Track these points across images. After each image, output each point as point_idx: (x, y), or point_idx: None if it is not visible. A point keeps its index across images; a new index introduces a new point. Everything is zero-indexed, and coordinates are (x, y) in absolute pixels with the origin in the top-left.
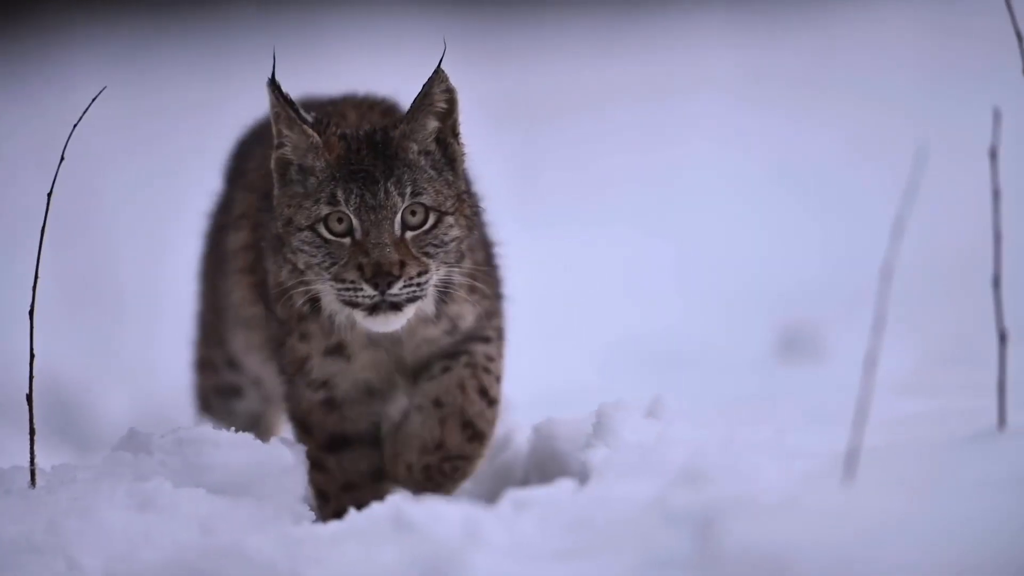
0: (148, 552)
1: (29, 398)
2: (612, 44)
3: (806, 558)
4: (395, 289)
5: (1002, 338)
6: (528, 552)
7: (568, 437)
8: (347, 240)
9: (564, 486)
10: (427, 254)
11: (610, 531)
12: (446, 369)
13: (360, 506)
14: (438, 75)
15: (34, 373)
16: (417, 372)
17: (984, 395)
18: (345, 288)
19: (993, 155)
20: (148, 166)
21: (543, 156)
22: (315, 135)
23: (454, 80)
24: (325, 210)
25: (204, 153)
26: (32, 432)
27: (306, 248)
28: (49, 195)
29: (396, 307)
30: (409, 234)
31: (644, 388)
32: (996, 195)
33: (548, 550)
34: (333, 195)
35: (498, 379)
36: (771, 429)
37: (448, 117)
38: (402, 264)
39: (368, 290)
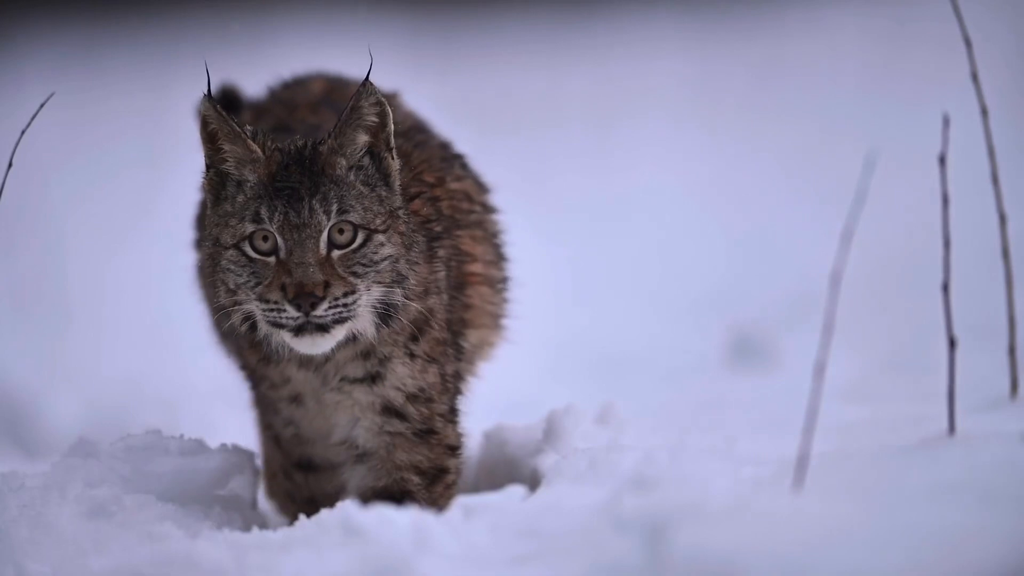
0: (97, 559)
1: None
2: (561, 52)
3: (755, 564)
4: (319, 311)
5: (951, 344)
6: (478, 559)
7: (518, 443)
8: (272, 259)
9: (514, 493)
10: (355, 274)
11: (560, 538)
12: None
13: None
14: (366, 88)
15: None
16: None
17: (933, 401)
18: (269, 309)
19: (942, 161)
20: (95, 171)
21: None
22: (258, 149)
23: (404, 83)
24: (250, 228)
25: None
26: None
27: (232, 267)
28: None
29: (323, 328)
30: (336, 253)
31: (594, 394)
32: (945, 201)
33: (498, 557)
34: (257, 213)
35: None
36: (720, 436)
37: (381, 130)
38: (326, 284)
39: (291, 311)
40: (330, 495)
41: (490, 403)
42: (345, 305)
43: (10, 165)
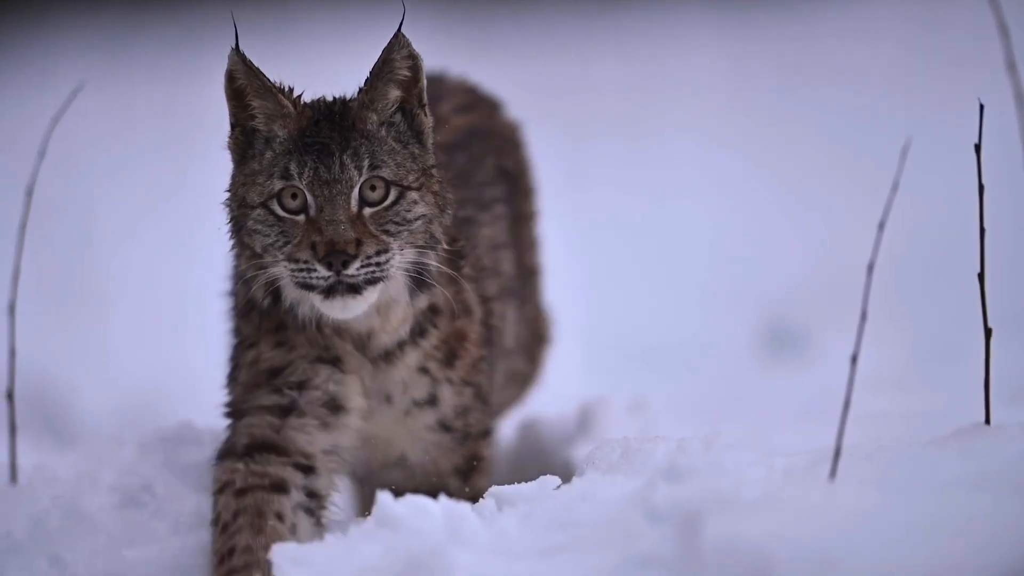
0: (131, 549)
1: (10, 395)
2: (596, 39)
3: (788, 555)
4: (351, 270)
5: (987, 334)
6: (510, 549)
7: (551, 433)
8: (301, 217)
9: (547, 483)
10: (387, 232)
11: (593, 528)
12: None
13: None
14: (398, 40)
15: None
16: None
17: (968, 391)
18: (299, 269)
19: (978, 149)
20: (126, 158)
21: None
22: (289, 104)
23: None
24: (278, 185)
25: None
26: (13, 429)
27: (260, 228)
28: (30, 191)
29: (354, 289)
30: (368, 211)
31: (626, 384)
32: (981, 190)
33: (531, 547)
34: (286, 169)
35: None
36: (753, 426)
37: (413, 86)
38: (358, 242)
39: (322, 270)
40: None
41: None
42: (378, 264)
43: (42, 154)
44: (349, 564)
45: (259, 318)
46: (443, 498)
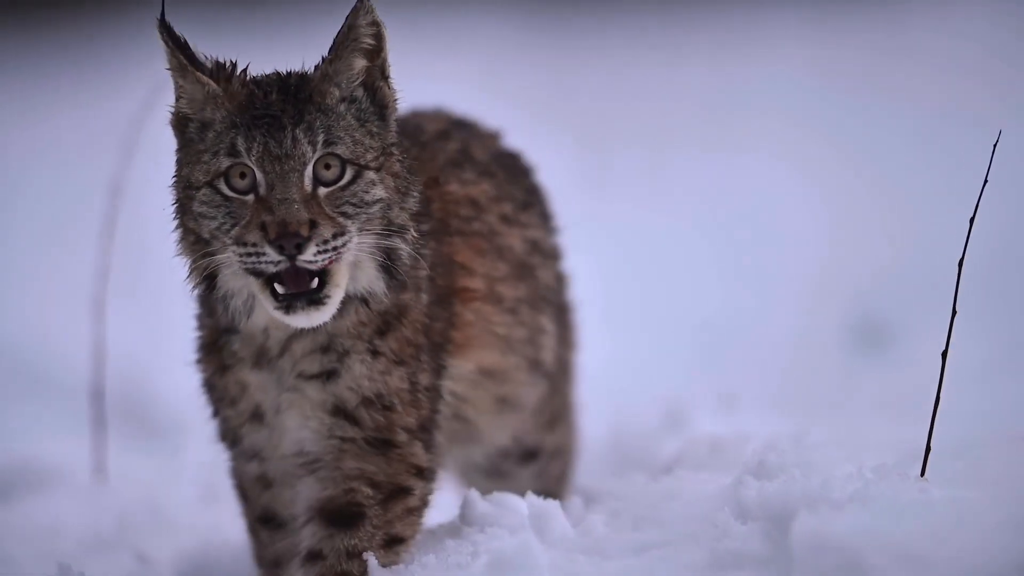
0: (216, 546)
1: (95, 393)
2: (679, 38)
3: (879, 553)
4: (307, 255)
5: None
6: (598, 547)
7: (638, 430)
8: (250, 197)
9: (635, 480)
10: (345, 215)
11: (681, 526)
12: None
13: None
14: (362, 5)
15: (98, 364)
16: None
17: None
18: (247, 252)
19: None
20: None
21: (612, 147)
22: (211, 83)
23: (510, 84)
24: (225, 163)
25: None
26: (98, 426)
27: (205, 209)
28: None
29: (316, 302)
30: (323, 190)
31: (714, 379)
32: None
33: (618, 545)
34: (233, 145)
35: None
36: (843, 423)
37: (376, 56)
38: (312, 224)
39: (272, 254)
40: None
41: (611, 388)
42: (335, 249)
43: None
44: (435, 561)
45: (209, 354)
46: (530, 496)
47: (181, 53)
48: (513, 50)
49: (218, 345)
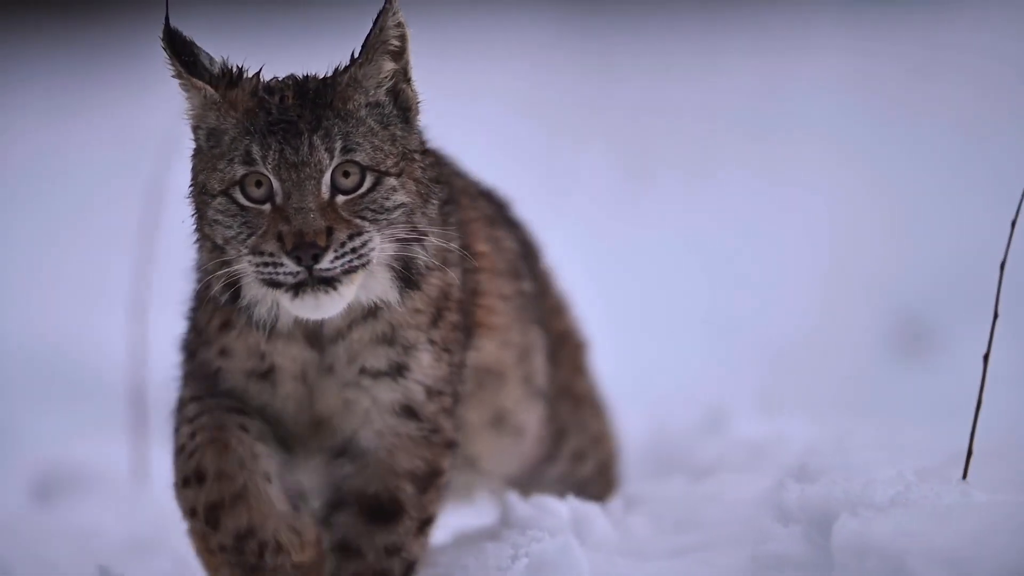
0: None
1: (135, 395)
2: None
3: (920, 556)
4: (324, 263)
5: None
6: (639, 550)
7: (680, 433)
8: (267, 206)
9: (676, 483)
10: (363, 219)
11: (722, 529)
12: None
13: None
14: (390, 5)
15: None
16: (329, 503)
17: None
18: (263, 263)
19: None
20: None
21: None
22: (207, 87)
23: (551, 92)
24: (240, 171)
25: None
26: (138, 428)
27: (221, 218)
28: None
29: (329, 283)
30: (341, 198)
31: (754, 380)
32: None
33: (659, 548)
34: (248, 152)
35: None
36: (884, 426)
37: (399, 57)
38: (329, 231)
39: (289, 264)
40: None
41: (651, 389)
42: (354, 250)
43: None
44: (476, 564)
45: (212, 309)
46: (570, 498)
47: (178, 60)
48: (553, 59)
49: (219, 313)
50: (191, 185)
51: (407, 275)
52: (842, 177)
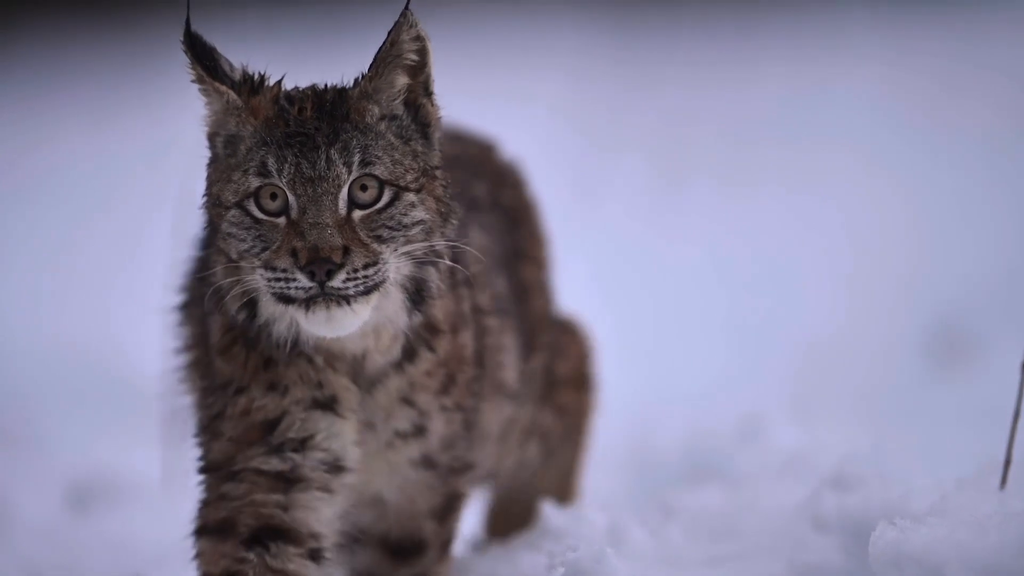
0: None
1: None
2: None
3: (958, 565)
4: (337, 281)
5: None
6: (674, 559)
7: (715, 441)
8: (281, 220)
9: (712, 491)
10: (380, 238)
11: (758, 538)
12: None
13: None
14: (405, 18)
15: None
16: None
17: None
18: (276, 278)
19: None
20: None
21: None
22: (230, 92)
23: (592, 99)
24: (255, 183)
25: None
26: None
27: (235, 231)
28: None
29: (342, 300)
30: (358, 213)
31: (788, 386)
32: None
33: (695, 557)
34: (263, 164)
35: None
36: (922, 434)
37: (419, 72)
38: (346, 250)
39: (303, 280)
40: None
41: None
42: (367, 277)
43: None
44: (510, 572)
45: (245, 353)
46: (607, 507)
47: (200, 64)
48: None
49: (254, 353)
50: (205, 196)
51: (419, 297)
52: (877, 184)
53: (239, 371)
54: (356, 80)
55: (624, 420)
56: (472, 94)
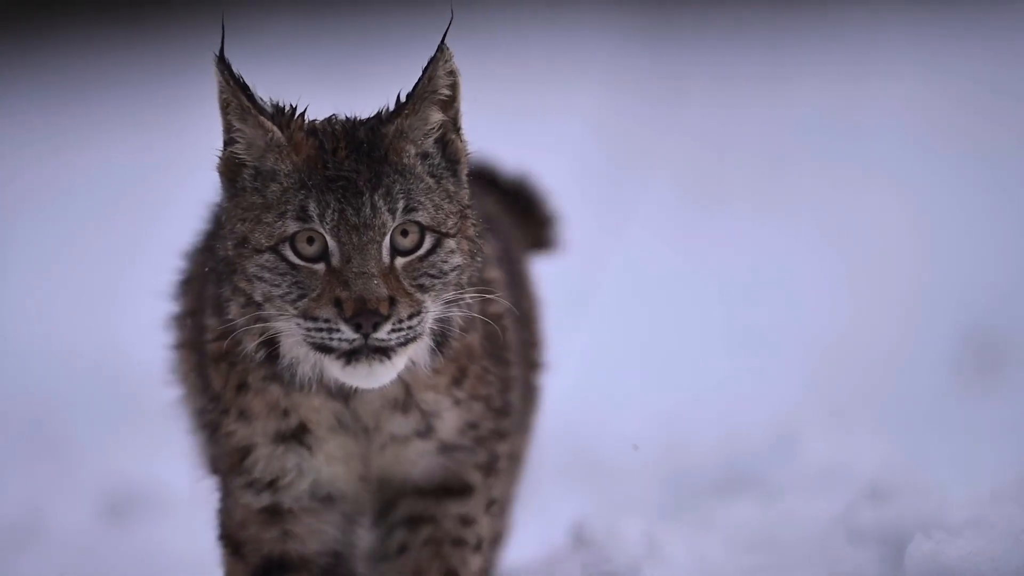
0: None
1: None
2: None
3: None
4: (382, 333)
5: None
6: (710, 570)
7: (751, 453)
8: (320, 267)
9: (748, 503)
10: (422, 287)
11: (795, 550)
12: (402, 549)
13: None
14: (443, 53)
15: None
16: (385, 504)
17: None
18: (317, 328)
19: None
20: None
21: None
22: (275, 129)
23: (625, 116)
24: (292, 227)
25: None
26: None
27: (266, 276)
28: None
29: (383, 353)
30: (400, 260)
31: (822, 396)
32: None
33: (731, 569)
34: (303, 209)
35: (478, 547)
36: (957, 446)
37: (449, 107)
38: (392, 301)
39: (347, 332)
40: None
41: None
42: (411, 328)
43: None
44: None
45: (227, 370)
46: (642, 519)
47: (243, 93)
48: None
49: (235, 371)
50: (223, 236)
51: (443, 339)
52: (911, 196)
53: (223, 388)
54: (381, 114)
55: (657, 430)
56: (504, 109)
